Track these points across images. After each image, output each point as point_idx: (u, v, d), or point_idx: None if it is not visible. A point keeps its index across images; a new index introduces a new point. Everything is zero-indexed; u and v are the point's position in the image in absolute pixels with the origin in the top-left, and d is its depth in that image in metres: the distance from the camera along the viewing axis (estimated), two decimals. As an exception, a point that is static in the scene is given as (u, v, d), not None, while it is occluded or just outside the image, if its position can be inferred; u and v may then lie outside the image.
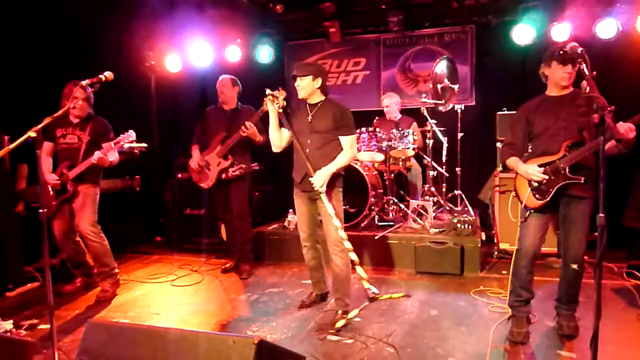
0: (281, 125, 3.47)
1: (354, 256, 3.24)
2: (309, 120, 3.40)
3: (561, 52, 2.84)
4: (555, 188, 2.88)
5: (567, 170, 2.84)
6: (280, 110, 3.38)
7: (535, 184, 2.95)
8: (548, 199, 2.91)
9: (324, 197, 3.27)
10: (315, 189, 3.26)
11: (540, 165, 2.93)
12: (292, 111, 3.61)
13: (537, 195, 2.96)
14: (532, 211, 3.01)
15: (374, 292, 3.27)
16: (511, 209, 4.41)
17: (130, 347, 1.73)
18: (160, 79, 6.63)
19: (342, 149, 3.39)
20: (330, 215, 3.29)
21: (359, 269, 3.24)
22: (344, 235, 3.27)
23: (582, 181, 2.82)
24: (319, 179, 3.26)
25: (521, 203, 3.06)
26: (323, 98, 3.44)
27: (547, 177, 2.89)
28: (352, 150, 3.40)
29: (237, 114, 4.53)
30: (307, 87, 3.36)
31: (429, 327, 3.29)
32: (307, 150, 3.35)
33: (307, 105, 3.45)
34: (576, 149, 2.82)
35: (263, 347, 1.61)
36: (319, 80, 3.37)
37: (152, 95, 6.67)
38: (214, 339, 1.67)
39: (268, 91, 3.39)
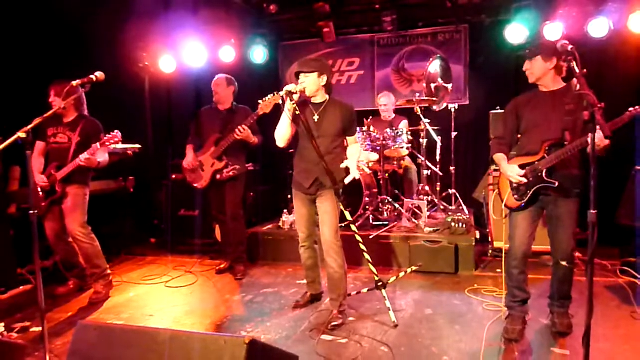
0: (295, 123, 3.26)
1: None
2: (315, 121, 3.28)
3: (525, 49, 2.93)
4: (533, 190, 2.91)
5: (543, 173, 2.86)
6: (295, 106, 3.11)
7: (515, 185, 2.97)
8: (525, 200, 2.94)
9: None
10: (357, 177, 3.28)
11: (521, 166, 2.96)
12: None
13: (515, 196, 2.99)
14: (511, 211, 3.05)
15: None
16: (494, 207, 4.46)
17: (120, 349, 1.72)
18: (154, 79, 6.62)
19: (345, 149, 3.41)
20: (328, 217, 3.29)
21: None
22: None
23: (556, 185, 2.83)
24: (354, 169, 3.25)
25: (502, 202, 3.09)
26: (327, 97, 3.33)
27: (524, 180, 2.91)
28: (358, 143, 3.55)
29: (232, 114, 4.50)
30: (312, 84, 3.21)
31: (424, 326, 3.29)
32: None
33: (311, 105, 3.32)
34: (555, 151, 2.83)
35: (254, 347, 1.60)
36: (324, 78, 3.25)
37: (146, 96, 6.66)
38: (206, 340, 1.66)
39: (286, 88, 3.12)
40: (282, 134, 3.30)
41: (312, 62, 3.28)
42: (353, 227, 3.37)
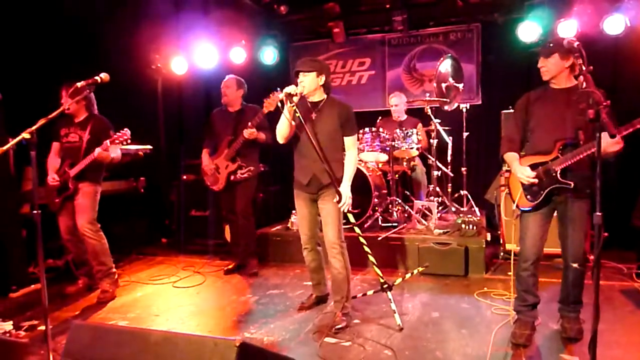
0: (295, 123, 3.26)
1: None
2: (312, 119, 3.29)
3: (539, 46, 2.87)
4: (546, 190, 2.84)
5: (558, 173, 2.79)
6: (295, 108, 3.12)
7: (528, 185, 2.90)
8: (538, 200, 2.87)
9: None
10: (344, 210, 3.22)
11: (533, 165, 2.89)
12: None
13: (528, 196, 2.92)
14: (523, 211, 2.98)
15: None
16: (505, 207, 4.38)
17: (113, 349, 1.72)
18: (167, 81, 6.68)
19: (344, 148, 3.36)
20: (330, 217, 3.27)
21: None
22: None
23: (572, 186, 2.76)
24: (346, 197, 3.20)
25: (513, 202, 3.02)
26: (325, 96, 3.35)
27: (536, 181, 2.84)
28: (356, 149, 3.42)
29: (242, 115, 4.52)
30: (310, 83, 3.23)
31: (429, 330, 3.23)
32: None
33: (309, 104, 3.33)
34: (569, 151, 2.75)
35: (245, 349, 1.59)
36: (323, 78, 3.27)
37: (159, 98, 6.72)
38: (196, 341, 1.65)
39: (286, 90, 3.13)
40: (282, 132, 3.32)
41: (311, 62, 3.29)
42: (357, 230, 3.34)
